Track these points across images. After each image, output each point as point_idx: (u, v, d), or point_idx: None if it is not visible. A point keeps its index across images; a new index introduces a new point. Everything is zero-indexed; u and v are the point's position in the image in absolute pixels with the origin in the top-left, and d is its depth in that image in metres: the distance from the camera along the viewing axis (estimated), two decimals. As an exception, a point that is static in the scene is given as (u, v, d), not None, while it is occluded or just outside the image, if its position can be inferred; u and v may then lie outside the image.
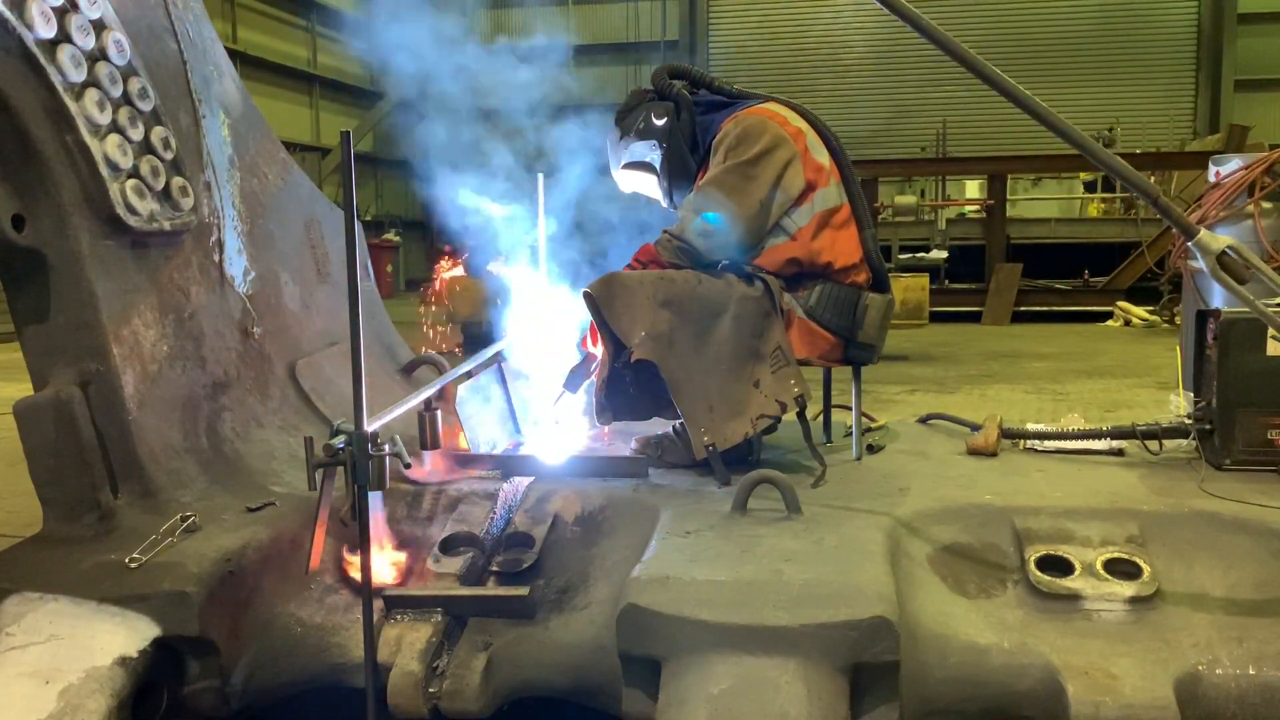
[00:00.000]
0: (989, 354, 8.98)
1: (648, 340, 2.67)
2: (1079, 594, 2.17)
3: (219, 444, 2.69)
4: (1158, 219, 10.49)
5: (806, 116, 2.98)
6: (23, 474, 2.39)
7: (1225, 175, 4.02)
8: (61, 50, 2.32)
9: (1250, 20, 17.86)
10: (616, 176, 3.25)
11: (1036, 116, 1.98)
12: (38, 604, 2.11)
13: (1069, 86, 17.01)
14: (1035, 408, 6.15)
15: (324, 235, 3.48)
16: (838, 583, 1.99)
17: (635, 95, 3.16)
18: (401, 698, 2.11)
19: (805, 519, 2.35)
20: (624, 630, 1.96)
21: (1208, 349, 2.77)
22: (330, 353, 3.30)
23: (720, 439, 2.70)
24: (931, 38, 1.94)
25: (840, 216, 2.86)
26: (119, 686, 1.98)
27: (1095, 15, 18.13)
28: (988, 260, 12.58)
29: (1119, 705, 1.89)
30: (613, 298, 2.72)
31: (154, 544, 2.24)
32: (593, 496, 2.57)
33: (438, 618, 2.22)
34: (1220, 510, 2.37)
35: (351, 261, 1.92)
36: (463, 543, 2.45)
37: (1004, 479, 2.70)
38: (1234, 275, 1.95)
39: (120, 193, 2.41)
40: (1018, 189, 15.29)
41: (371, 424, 1.96)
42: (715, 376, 2.72)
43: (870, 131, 17.68)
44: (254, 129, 3.17)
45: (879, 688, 1.92)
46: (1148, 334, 10.53)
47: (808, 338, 2.82)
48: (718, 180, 2.83)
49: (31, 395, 2.36)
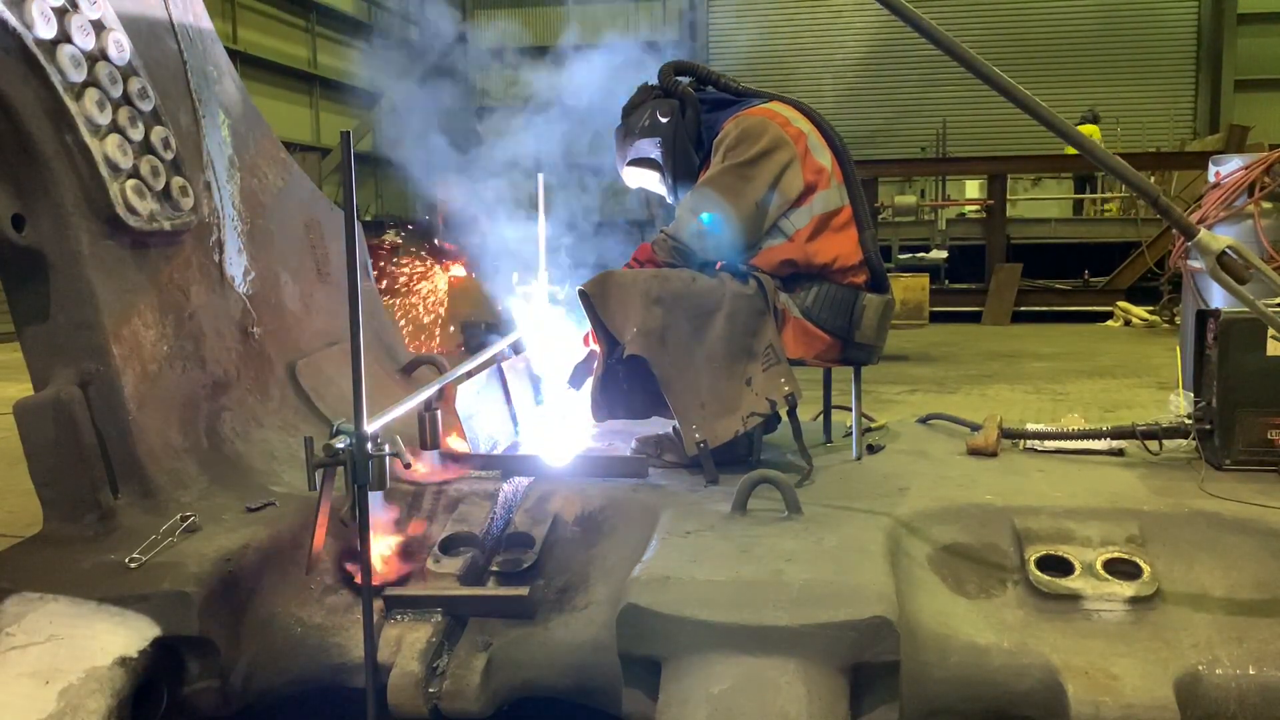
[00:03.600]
0: (989, 354, 8.98)
1: (640, 336, 2.67)
2: (1079, 594, 2.17)
3: (219, 444, 2.69)
4: (1158, 219, 10.49)
5: (811, 116, 2.96)
6: (23, 474, 2.39)
7: (1225, 175, 4.02)
8: (61, 50, 2.32)
9: (1250, 20, 17.87)
10: (622, 173, 3.24)
11: (1036, 116, 1.98)
12: (38, 604, 2.11)
13: (1069, 86, 17.01)
14: (1035, 408, 6.15)
15: (324, 235, 3.47)
16: (838, 583, 1.99)
17: (641, 91, 3.15)
18: (401, 698, 2.11)
19: (805, 519, 2.35)
20: (624, 630, 1.96)
21: (1208, 349, 2.77)
22: (330, 353, 3.30)
23: (711, 436, 2.70)
24: (931, 38, 1.94)
25: (840, 219, 2.84)
26: (119, 686, 1.98)
27: (1095, 15, 18.14)
28: (988, 260, 12.58)
29: (1119, 705, 1.89)
30: (607, 295, 2.72)
31: (154, 544, 2.24)
32: (593, 496, 2.57)
33: (438, 618, 2.22)
34: (1220, 510, 2.37)
35: (351, 261, 1.92)
36: (463, 543, 2.45)
37: (1004, 479, 2.70)
38: (1234, 275, 1.95)
39: (120, 193, 2.41)
40: (1018, 189, 15.29)
41: (371, 424, 1.96)
42: (707, 374, 2.72)
43: (870, 131, 17.69)
44: (254, 129, 3.17)
45: (879, 688, 1.92)
46: (1148, 334, 10.53)
47: (803, 338, 2.81)
48: (714, 180, 2.83)
49: (31, 395, 2.36)
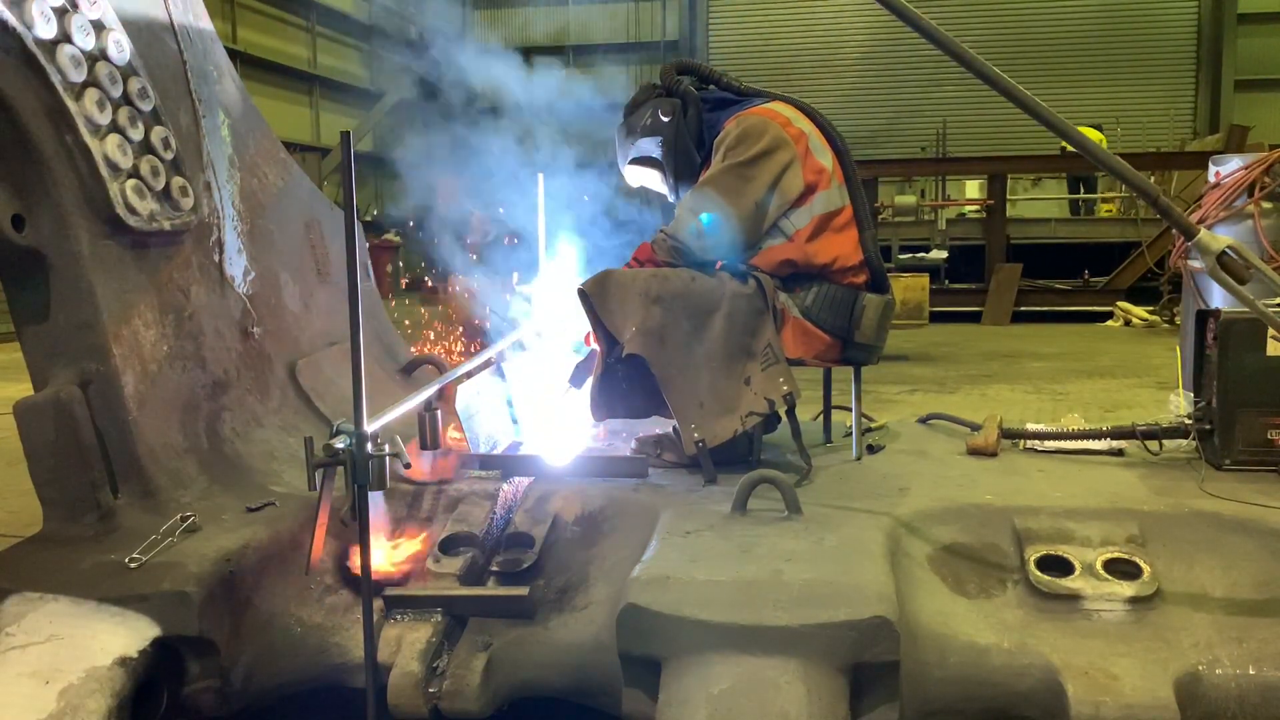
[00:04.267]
0: (989, 354, 8.98)
1: (639, 335, 2.67)
2: (1079, 594, 2.17)
3: (219, 444, 2.69)
4: (1158, 219, 10.49)
5: (813, 116, 2.96)
6: (23, 474, 2.39)
7: (1225, 175, 4.01)
8: (61, 50, 2.32)
9: (1250, 20, 17.86)
10: (624, 171, 3.24)
11: (1036, 116, 1.98)
12: (38, 604, 2.11)
13: (1069, 86, 17.02)
14: (1035, 408, 6.15)
15: (324, 235, 3.48)
16: (838, 583, 1.99)
17: (644, 91, 3.15)
18: (401, 698, 2.11)
19: (805, 519, 2.35)
20: (624, 630, 1.96)
21: (1208, 349, 2.77)
22: (330, 353, 3.30)
23: (710, 435, 2.70)
24: (931, 38, 1.94)
25: (841, 219, 2.84)
26: (119, 686, 1.98)
27: (1095, 15, 18.13)
28: (988, 260, 12.57)
29: (1119, 705, 1.89)
30: (606, 295, 2.73)
31: (154, 544, 2.24)
32: (593, 496, 2.57)
33: (438, 618, 2.22)
34: (1220, 510, 2.37)
35: (351, 261, 1.92)
36: (463, 543, 2.45)
37: (1004, 479, 2.70)
38: (1234, 275, 1.95)
39: (120, 193, 2.41)
40: (1018, 189, 15.28)
41: (371, 424, 1.96)
42: (706, 373, 2.72)
43: (870, 131, 17.67)
44: (254, 129, 3.17)
45: (879, 688, 1.92)
46: (1148, 334, 10.53)
47: (803, 337, 2.81)
48: (714, 180, 2.83)
49: (31, 395, 2.36)
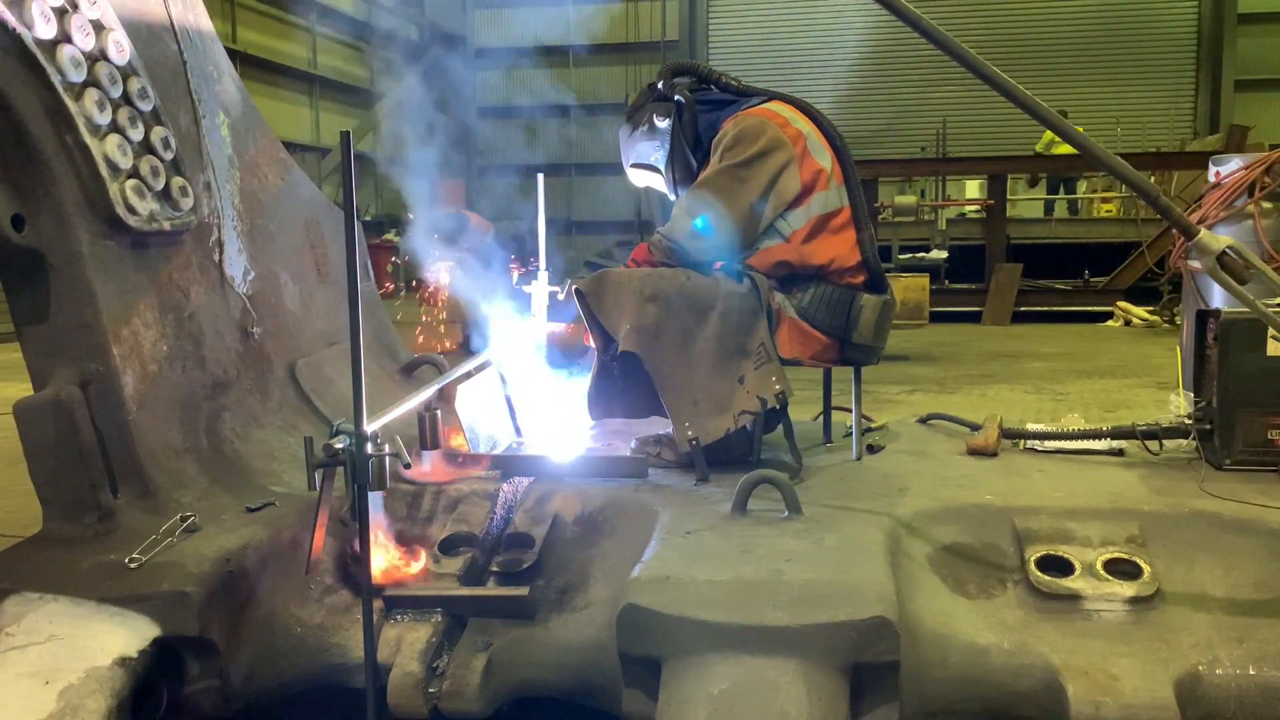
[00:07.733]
0: (989, 354, 8.98)
1: (634, 333, 2.68)
2: (1079, 594, 2.17)
3: (219, 444, 2.69)
4: (1158, 219, 10.49)
5: (812, 116, 2.95)
6: (23, 474, 2.39)
7: (1225, 175, 4.01)
8: (61, 50, 2.32)
9: (1250, 20, 17.88)
10: (628, 173, 3.26)
11: (1036, 116, 1.98)
12: (38, 604, 2.11)
13: (1069, 86, 17.03)
14: (1035, 408, 6.14)
15: (324, 235, 3.47)
16: (838, 583, 1.99)
17: (645, 92, 3.15)
18: (401, 698, 2.11)
19: (805, 519, 2.35)
20: (624, 630, 1.96)
21: (1208, 349, 2.77)
22: (330, 353, 3.30)
23: (703, 433, 2.70)
24: (931, 38, 1.94)
25: (839, 220, 2.84)
26: (119, 686, 1.98)
27: (1096, 15, 18.14)
28: (988, 260, 12.57)
29: (1119, 705, 1.89)
30: (603, 294, 2.74)
31: (154, 544, 2.24)
32: (593, 496, 2.57)
33: (438, 618, 2.22)
34: (1220, 510, 2.37)
35: (351, 261, 1.92)
36: (463, 543, 2.45)
37: (1004, 479, 2.70)
38: (1234, 275, 1.95)
39: (120, 193, 2.41)
40: (1018, 189, 15.27)
41: (371, 424, 1.96)
42: (701, 371, 2.72)
43: (870, 131, 17.68)
44: (254, 129, 3.17)
45: (879, 688, 1.92)
46: (1148, 334, 10.53)
47: (799, 338, 2.81)
48: (709, 182, 2.83)
49: (31, 395, 2.36)
